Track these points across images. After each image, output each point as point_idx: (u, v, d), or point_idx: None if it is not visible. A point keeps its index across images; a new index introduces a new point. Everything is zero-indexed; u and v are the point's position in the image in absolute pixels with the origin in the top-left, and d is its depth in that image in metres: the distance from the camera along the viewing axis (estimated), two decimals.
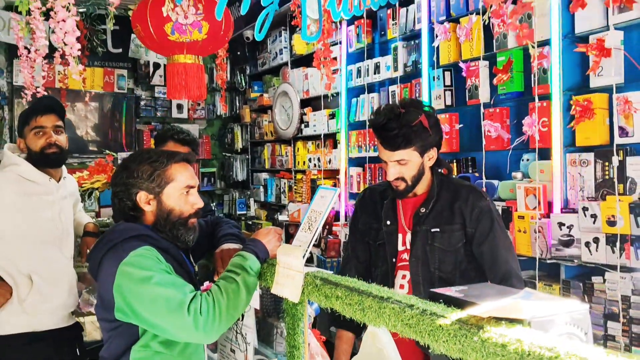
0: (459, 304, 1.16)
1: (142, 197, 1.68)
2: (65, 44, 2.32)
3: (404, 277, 1.98)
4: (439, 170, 2.02)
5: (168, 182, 1.69)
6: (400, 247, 2.02)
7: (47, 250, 2.37)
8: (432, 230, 1.94)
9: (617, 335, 2.43)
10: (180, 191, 1.71)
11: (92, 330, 3.20)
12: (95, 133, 6.28)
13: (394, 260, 2.02)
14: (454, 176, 2.33)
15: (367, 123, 4.13)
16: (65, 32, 2.05)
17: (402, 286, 1.98)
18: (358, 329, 2.01)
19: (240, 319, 1.95)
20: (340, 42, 4.39)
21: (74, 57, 2.33)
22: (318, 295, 1.50)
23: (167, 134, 2.67)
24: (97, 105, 6.25)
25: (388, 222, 2.04)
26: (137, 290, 1.54)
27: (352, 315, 1.38)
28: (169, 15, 2.38)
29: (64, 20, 2.34)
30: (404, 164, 1.90)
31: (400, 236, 2.02)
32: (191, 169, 1.79)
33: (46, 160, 2.37)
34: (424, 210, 1.96)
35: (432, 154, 1.95)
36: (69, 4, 2.35)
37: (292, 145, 5.42)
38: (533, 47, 1.99)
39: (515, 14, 1.93)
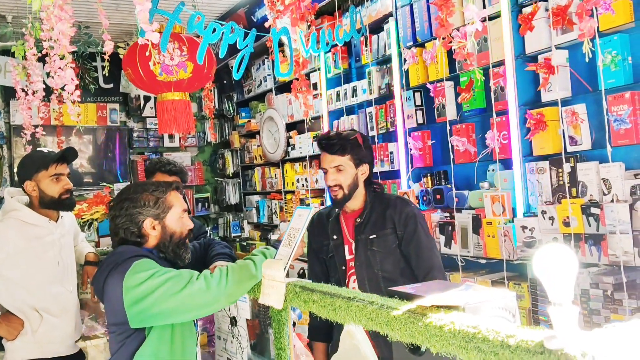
0: (409, 297, 1.40)
1: (148, 223, 1.91)
2: (64, 90, 2.57)
3: (354, 280, 2.31)
4: (373, 187, 2.37)
5: (170, 208, 1.93)
6: (347, 257, 2.34)
7: (52, 287, 2.52)
8: (370, 237, 2.27)
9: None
10: (179, 215, 1.96)
11: (96, 353, 3.38)
12: (90, 166, 6.51)
13: (343, 268, 2.34)
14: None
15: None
16: (65, 84, 2.28)
17: (354, 288, 2.28)
18: (329, 338, 2.35)
19: (235, 325, 2.18)
20: (320, 69, 4.66)
21: (72, 102, 2.57)
22: (298, 301, 1.73)
23: (155, 167, 2.86)
24: (91, 138, 6.49)
25: (334, 237, 2.37)
26: (146, 287, 1.72)
27: (326, 315, 1.60)
28: (156, 58, 2.63)
29: (61, 69, 2.59)
30: (342, 170, 2.25)
31: (346, 247, 2.35)
32: (180, 196, 2.02)
33: (62, 205, 2.54)
34: (359, 220, 2.30)
35: (365, 170, 2.31)
36: (64, 55, 2.60)
37: (281, 167, 5.66)
38: (480, 72, 2.24)
39: (461, 45, 2.19)
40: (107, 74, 2.70)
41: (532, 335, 1.03)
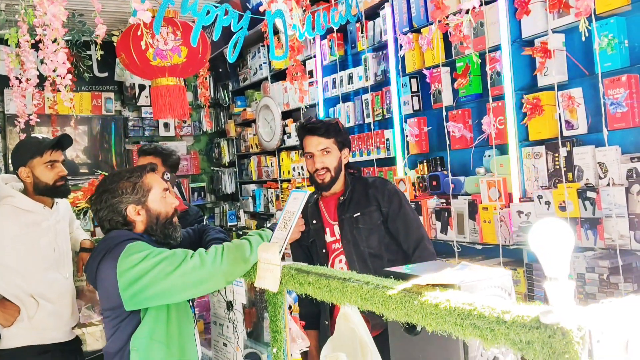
0: (405, 277, 1.39)
1: (131, 210, 1.90)
2: (57, 75, 2.54)
3: (340, 261, 2.38)
4: (351, 171, 2.47)
5: (149, 191, 1.93)
6: (328, 239, 2.41)
7: (48, 274, 2.51)
8: (355, 215, 2.34)
9: None
10: (160, 195, 1.95)
11: (92, 341, 3.38)
12: (86, 155, 6.48)
13: (324, 250, 2.41)
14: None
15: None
16: (56, 67, 2.26)
17: (341, 269, 2.35)
18: (318, 325, 2.40)
19: (231, 309, 2.17)
20: (315, 56, 4.63)
21: (65, 86, 2.55)
22: (294, 283, 1.72)
23: (138, 154, 3.08)
24: (87, 128, 6.46)
25: (314, 222, 2.43)
26: (140, 269, 1.72)
27: (322, 297, 1.59)
28: (150, 42, 2.60)
29: (53, 54, 2.56)
30: (328, 153, 2.33)
31: (327, 230, 2.42)
32: (157, 176, 2.02)
33: (57, 192, 2.53)
34: (343, 198, 2.37)
35: (346, 154, 2.42)
36: (56, 38, 2.57)
37: (277, 156, 5.65)
38: (476, 55, 2.23)
39: (457, 27, 2.17)
40: (99, 58, 2.67)
41: (527, 311, 1.02)
